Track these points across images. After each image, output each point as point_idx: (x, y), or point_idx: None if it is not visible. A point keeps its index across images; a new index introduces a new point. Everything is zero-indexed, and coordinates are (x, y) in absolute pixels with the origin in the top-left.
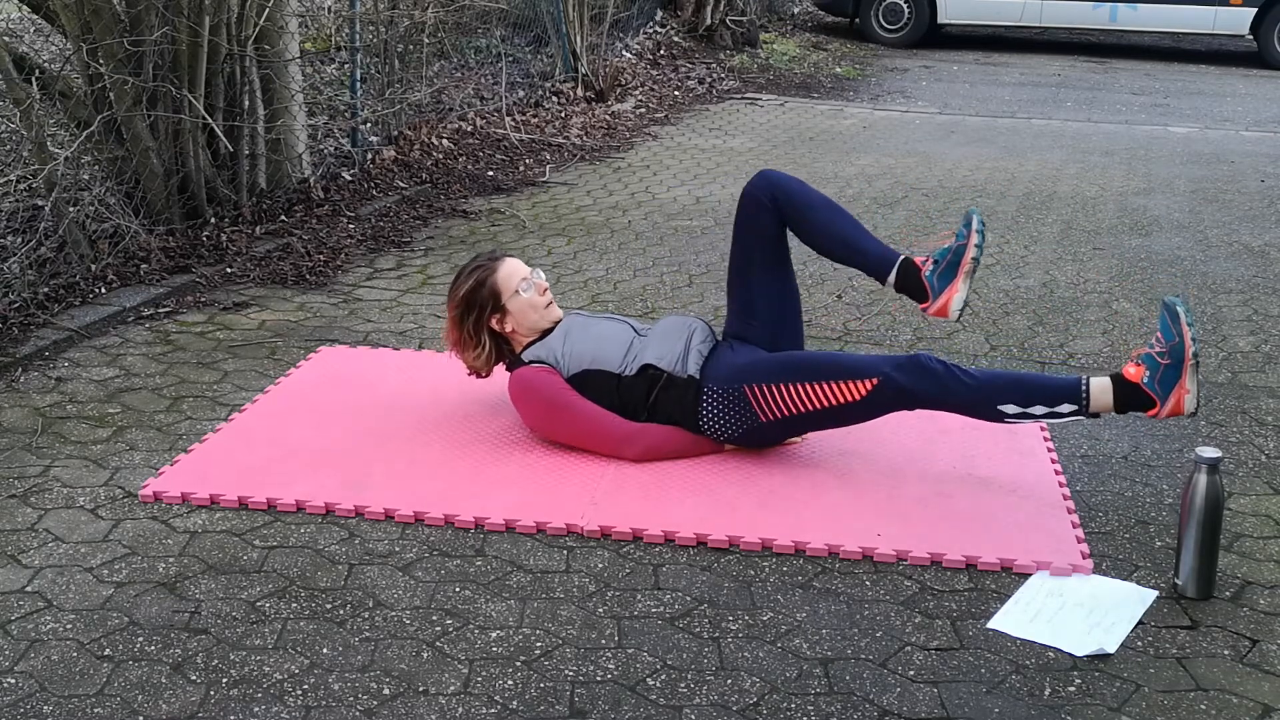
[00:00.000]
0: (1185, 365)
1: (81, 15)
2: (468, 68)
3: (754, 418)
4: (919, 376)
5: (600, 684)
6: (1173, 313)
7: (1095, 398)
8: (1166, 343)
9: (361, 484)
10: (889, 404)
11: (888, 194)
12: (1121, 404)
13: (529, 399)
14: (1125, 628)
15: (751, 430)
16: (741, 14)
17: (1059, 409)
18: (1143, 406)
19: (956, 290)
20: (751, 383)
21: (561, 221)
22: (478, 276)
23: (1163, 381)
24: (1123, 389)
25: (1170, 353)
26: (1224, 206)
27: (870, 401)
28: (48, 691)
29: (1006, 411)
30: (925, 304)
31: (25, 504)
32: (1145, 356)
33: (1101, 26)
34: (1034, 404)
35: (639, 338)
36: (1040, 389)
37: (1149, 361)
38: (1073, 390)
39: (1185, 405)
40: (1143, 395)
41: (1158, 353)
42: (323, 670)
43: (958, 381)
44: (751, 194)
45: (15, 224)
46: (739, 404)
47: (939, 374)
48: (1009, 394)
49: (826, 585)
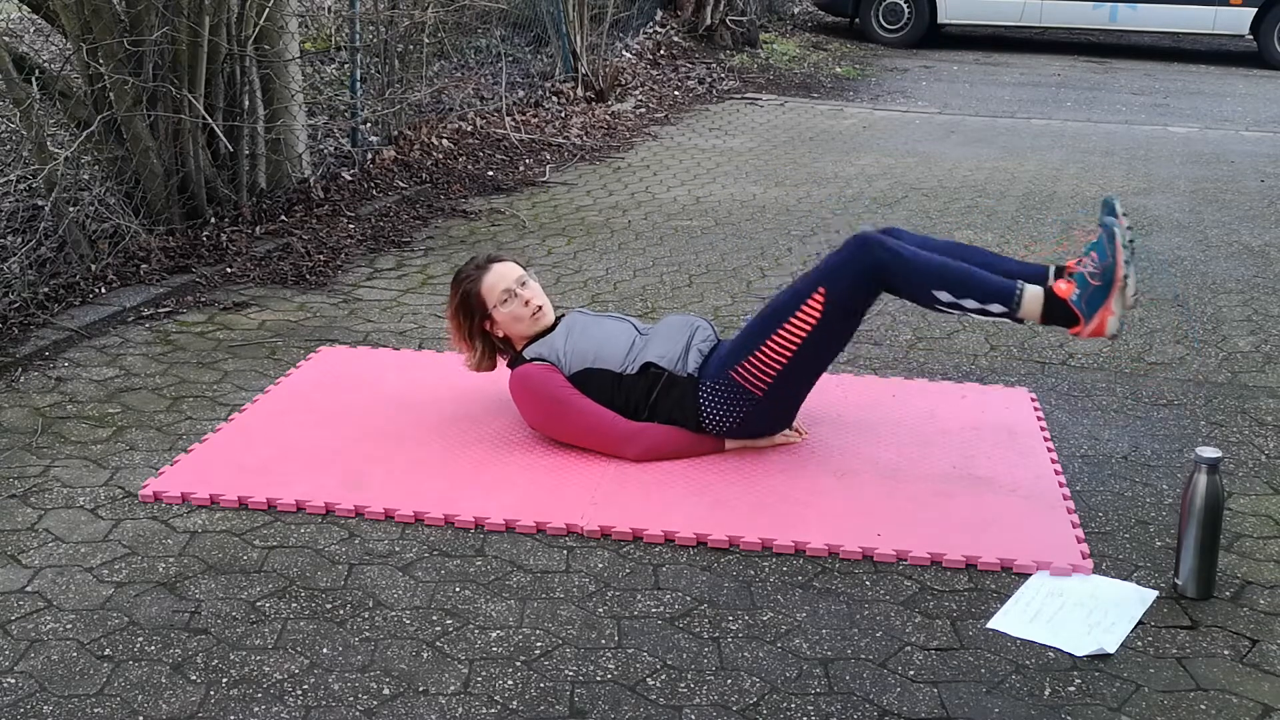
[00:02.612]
0: (1114, 288)
1: (81, 15)
2: (468, 68)
3: (750, 397)
4: (859, 256)
5: (600, 684)
6: (1110, 234)
7: (1025, 305)
8: (1099, 263)
9: (361, 484)
10: (848, 301)
11: (888, 194)
12: (1047, 316)
13: (530, 396)
14: (1125, 628)
15: (753, 412)
16: (741, 14)
17: (989, 307)
18: (1067, 323)
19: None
20: (735, 365)
21: (561, 221)
22: (464, 287)
23: (1089, 301)
24: (1051, 302)
25: (1102, 274)
26: (1224, 206)
27: (831, 313)
28: (48, 691)
29: (939, 298)
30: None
31: (25, 504)
32: (1078, 274)
33: (1101, 26)
34: (967, 297)
35: (641, 337)
36: (977, 285)
37: (1080, 280)
38: (1006, 293)
39: (1108, 327)
40: (1069, 312)
41: (1089, 272)
42: (323, 670)
43: (898, 258)
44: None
45: (15, 224)
46: (733, 390)
47: (877, 246)
48: (945, 283)
49: (826, 585)
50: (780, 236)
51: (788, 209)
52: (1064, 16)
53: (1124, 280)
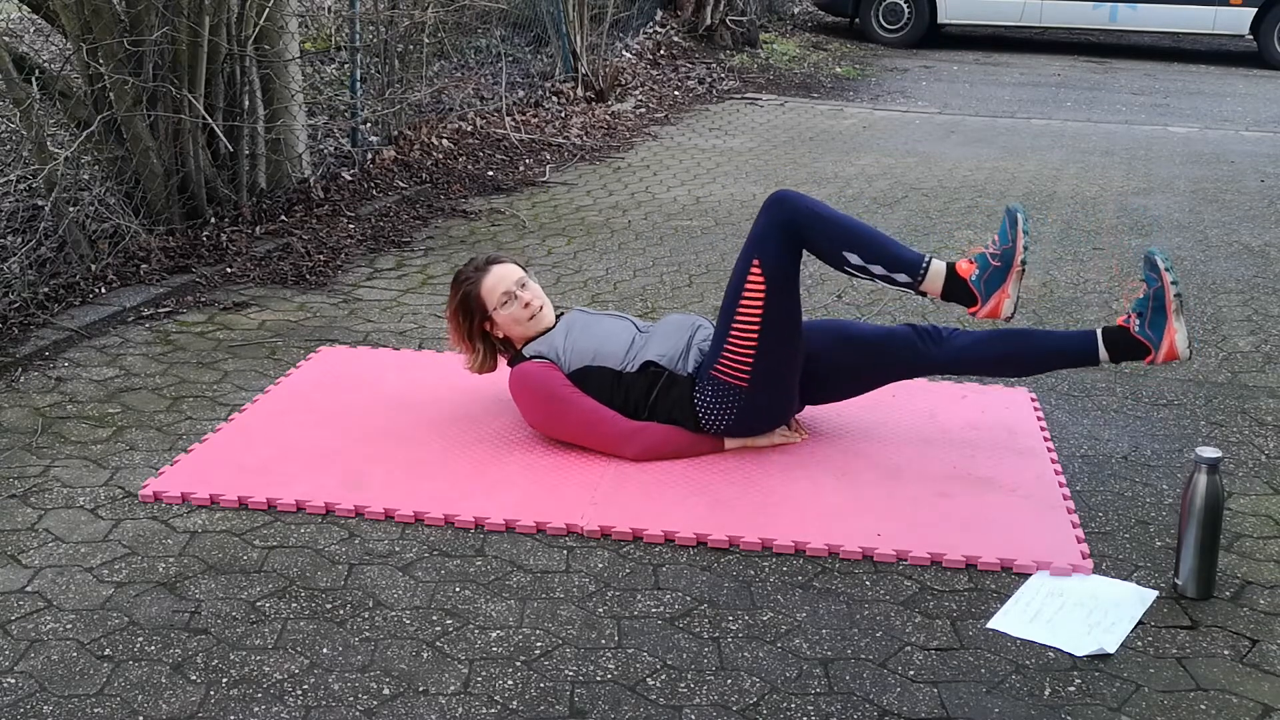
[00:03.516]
0: (1012, 271)
1: (81, 15)
2: (468, 68)
3: (737, 391)
4: (778, 211)
5: (600, 684)
6: (1012, 219)
7: (929, 279)
8: (1000, 246)
9: (361, 484)
10: (784, 264)
11: (888, 194)
12: (947, 293)
13: (529, 394)
14: (1125, 628)
15: (745, 406)
16: (741, 14)
17: (895, 276)
18: (965, 301)
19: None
20: (714, 364)
21: (561, 221)
22: (464, 289)
23: (988, 282)
24: (952, 280)
25: (1001, 256)
26: (1224, 206)
27: (773, 279)
28: (48, 691)
29: (849, 259)
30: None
31: (25, 504)
32: (979, 255)
33: (1101, 26)
34: (875, 263)
35: (640, 335)
36: (887, 254)
37: (981, 261)
38: (913, 264)
39: (1003, 309)
40: (967, 291)
41: (991, 254)
42: (323, 670)
43: (814, 213)
44: None
45: (15, 224)
46: (720, 389)
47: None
48: (859, 245)
49: (826, 585)
50: None
51: None
52: (1064, 16)
53: (1021, 265)
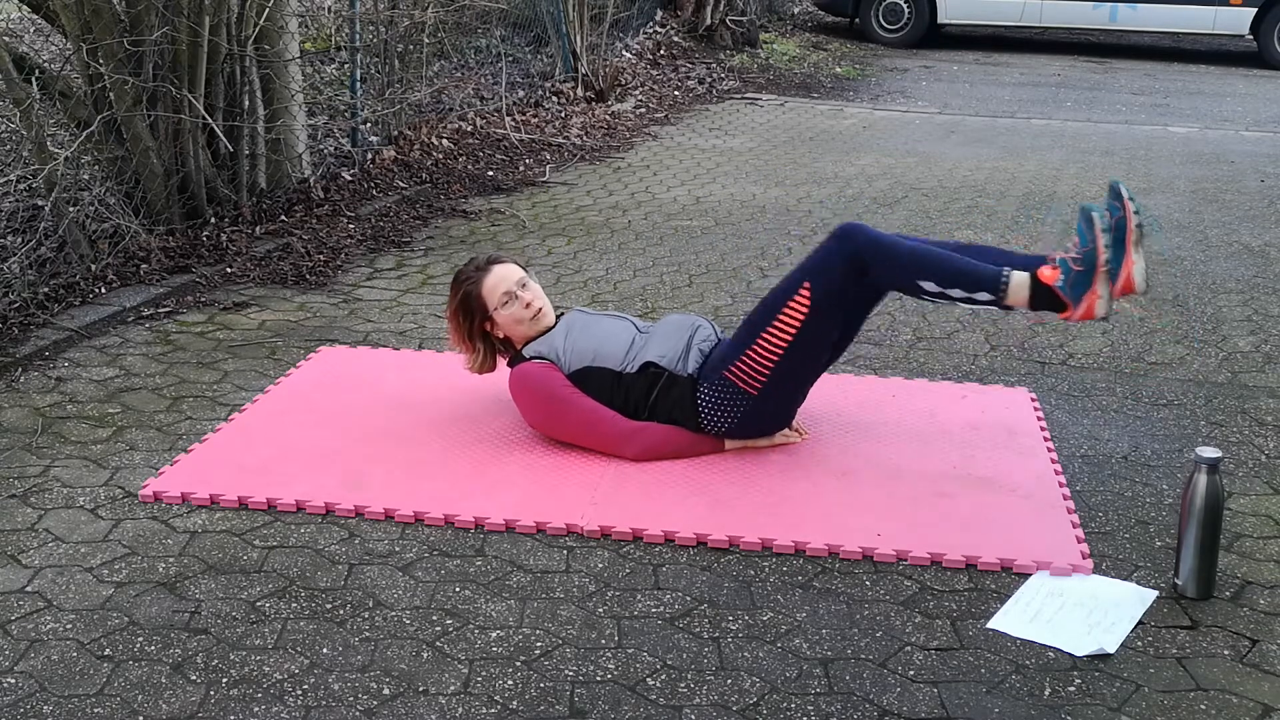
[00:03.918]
0: (1097, 272)
1: (81, 15)
2: (468, 68)
3: (745, 397)
4: (842, 245)
5: (600, 684)
6: (1088, 219)
7: (1012, 292)
8: (1081, 249)
9: (361, 484)
10: (837, 294)
11: (888, 194)
12: (1035, 302)
13: (529, 394)
14: (1125, 628)
15: (750, 412)
16: (741, 14)
17: (976, 296)
18: (1055, 308)
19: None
20: (728, 365)
21: (561, 221)
22: (465, 289)
23: (1074, 286)
24: (1037, 289)
25: (1084, 259)
26: (1224, 206)
27: (819, 307)
28: (48, 691)
29: (925, 288)
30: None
31: (25, 504)
32: (1061, 260)
33: (1101, 26)
34: (953, 287)
35: (640, 336)
36: (963, 275)
37: (1064, 266)
38: (992, 281)
39: (1096, 309)
40: (1056, 298)
41: (1072, 258)
42: (323, 670)
43: (883, 248)
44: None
45: (15, 224)
46: (728, 391)
47: (864, 234)
48: (932, 272)
49: (826, 585)
50: (780, 236)
51: (788, 209)
52: (1064, 16)
53: (1106, 264)
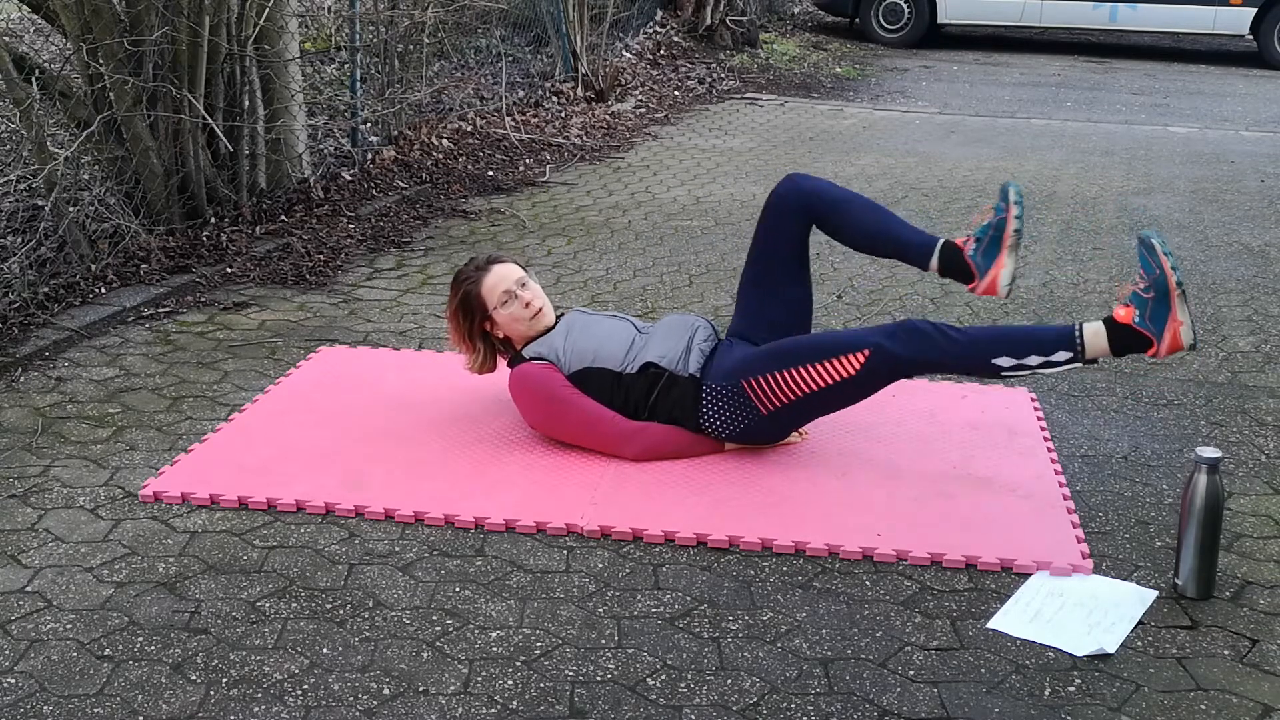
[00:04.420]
0: (1172, 296)
1: (81, 15)
2: (468, 68)
3: (754, 412)
4: (910, 340)
5: (600, 684)
6: (1148, 246)
7: (1090, 343)
8: (1149, 277)
9: (361, 484)
10: (885, 375)
11: (888, 194)
12: (1118, 347)
13: (529, 395)
14: (1125, 628)
15: (753, 425)
16: (741, 14)
17: (1054, 357)
18: (1141, 347)
19: (1003, 265)
20: (749, 376)
21: (561, 221)
22: (465, 288)
23: (1154, 318)
24: (1116, 332)
25: (1154, 286)
26: (1224, 206)
27: (865, 375)
28: (48, 691)
29: (1001, 365)
30: (972, 284)
31: (25, 504)
32: (1132, 295)
33: (1101, 26)
34: (1028, 354)
35: (640, 336)
36: (1033, 340)
37: (1136, 300)
38: (1067, 338)
39: (1183, 338)
40: (1138, 336)
41: (1143, 289)
42: (323, 670)
43: (950, 341)
44: (780, 198)
45: (15, 224)
46: (739, 400)
47: (930, 334)
48: (1001, 348)
49: (826, 585)
50: None
51: None
52: (1064, 16)
53: (1179, 287)
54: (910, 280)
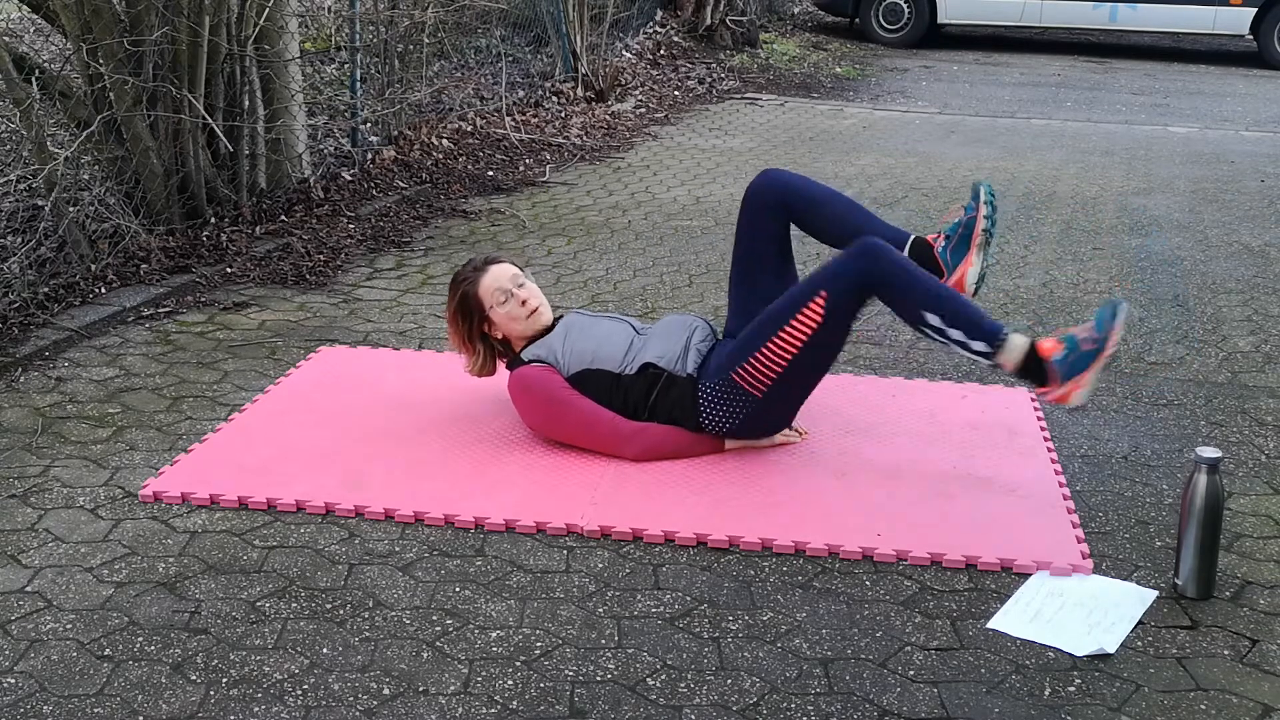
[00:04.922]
0: (1099, 360)
1: (81, 15)
2: (468, 68)
3: (750, 399)
4: (862, 258)
5: (600, 684)
6: (1113, 312)
7: (1007, 352)
8: (1096, 334)
9: (361, 484)
10: (850, 306)
11: (888, 194)
12: (1023, 370)
13: (528, 397)
14: (1125, 628)
15: (752, 414)
16: (741, 14)
17: (972, 344)
18: (1039, 381)
19: (970, 264)
20: (735, 367)
21: (561, 221)
22: (463, 289)
23: (1072, 365)
24: (1031, 358)
25: (1094, 342)
26: (1224, 206)
27: (832, 316)
28: (48, 691)
29: (929, 322)
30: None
31: (25, 504)
32: (1069, 337)
33: (1101, 26)
34: (955, 328)
35: (639, 337)
36: (968, 320)
37: (1070, 343)
38: (992, 335)
39: (1075, 398)
40: (1045, 371)
41: (1083, 339)
42: (323, 670)
43: (900, 268)
44: (756, 193)
45: (15, 224)
46: (733, 392)
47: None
48: (940, 305)
49: (826, 585)
50: None
51: None
52: (1064, 16)
53: (1109, 359)
54: None
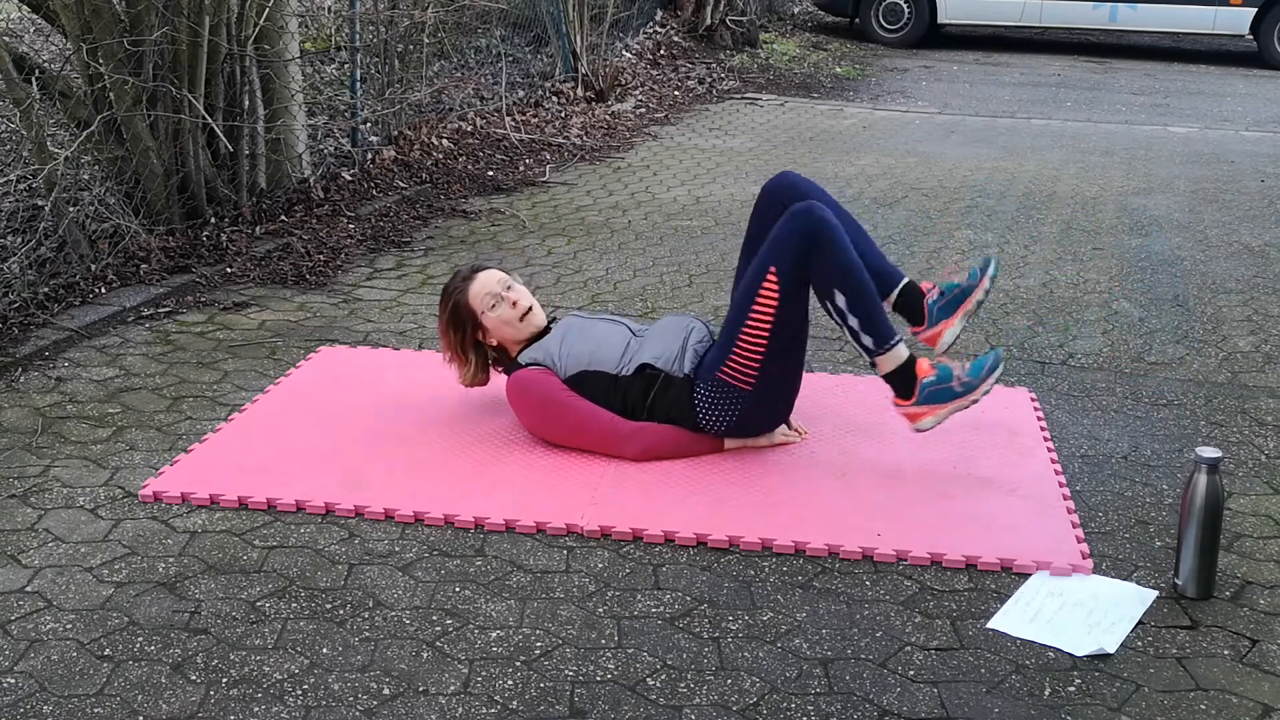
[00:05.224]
0: (956, 401)
1: (81, 15)
2: (468, 68)
3: (741, 395)
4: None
5: (600, 684)
6: (993, 364)
7: (889, 357)
8: (969, 376)
9: (361, 484)
10: (799, 273)
11: (888, 194)
12: (893, 377)
13: (526, 400)
14: (1125, 628)
15: (748, 408)
16: (741, 14)
17: (862, 336)
18: (898, 392)
19: (952, 325)
20: (720, 367)
21: (561, 221)
22: (454, 299)
23: (933, 395)
24: (904, 371)
25: (965, 386)
26: (1224, 206)
27: (787, 288)
28: (48, 691)
29: (835, 298)
30: (918, 328)
31: (25, 504)
32: (944, 368)
33: (1101, 26)
34: (855, 315)
35: (635, 338)
36: (868, 314)
37: (943, 372)
38: (883, 337)
39: (922, 421)
40: (909, 387)
41: (956, 375)
42: (323, 670)
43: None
44: (770, 192)
45: (15, 224)
46: (724, 391)
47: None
48: (853, 291)
49: (826, 585)
50: None
51: None
52: (1064, 16)
53: (969, 404)
54: None
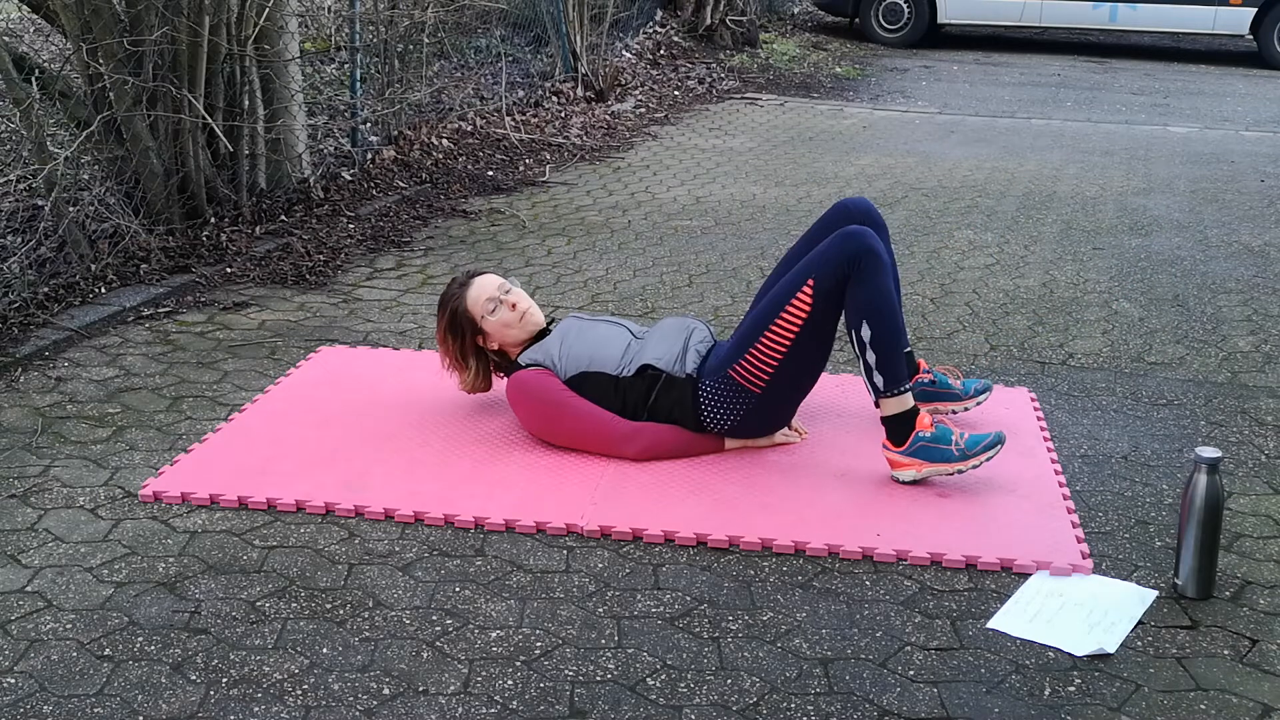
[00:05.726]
0: (943, 464)
1: (81, 15)
2: (468, 68)
3: (749, 395)
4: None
5: (600, 684)
6: (991, 443)
7: (893, 402)
8: (965, 448)
9: (361, 484)
10: (837, 292)
11: (888, 194)
12: (889, 421)
13: (527, 401)
14: (1125, 627)
15: (753, 410)
16: (741, 14)
17: (875, 376)
18: (892, 439)
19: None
20: (733, 363)
21: (561, 221)
22: (451, 306)
23: (923, 451)
24: (905, 419)
25: (959, 454)
26: (1224, 206)
27: (821, 303)
28: (48, 691)
29: (861, 329)
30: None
31: (25, 504)
32: (945, 430)
33: (1101, 26)
34: (875, 352)
35: (636, 340)
36: (888, 355)
37: (942, 432)
38: (895, 380)
39: (903, 473)
40: (904, 436)
41: (955, 440)
42: (323, 670)
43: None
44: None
45: (15, 224)
46: (732, 389)
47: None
48: (879, 327)
49: (826, 585)
50: (780, 236)
51: (788, 209)
52: (1064, 16)
53: (956, 473)
54: (910, 280)
